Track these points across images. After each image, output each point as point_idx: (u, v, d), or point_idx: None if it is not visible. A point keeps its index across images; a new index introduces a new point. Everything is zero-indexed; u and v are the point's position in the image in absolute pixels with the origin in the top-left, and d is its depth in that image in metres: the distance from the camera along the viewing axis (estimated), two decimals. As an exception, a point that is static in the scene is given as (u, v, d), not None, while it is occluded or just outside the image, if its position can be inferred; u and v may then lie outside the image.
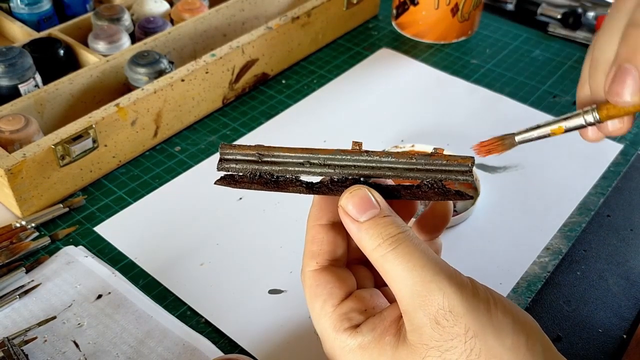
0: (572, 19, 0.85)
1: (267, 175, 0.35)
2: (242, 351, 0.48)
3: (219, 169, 0.35)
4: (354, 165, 0.34)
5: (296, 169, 0.34)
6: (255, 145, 0.35)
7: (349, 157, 0.34)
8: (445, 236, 0.57)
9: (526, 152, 0.66)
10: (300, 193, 0.35)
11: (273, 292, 0.53)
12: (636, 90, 0.27)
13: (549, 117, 0.71)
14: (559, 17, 0.86)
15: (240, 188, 0.35)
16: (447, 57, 0.82)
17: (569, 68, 0.80)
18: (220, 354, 0.47)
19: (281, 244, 0.56)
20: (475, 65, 0.80)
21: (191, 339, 0.48)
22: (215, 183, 0.35)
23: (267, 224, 0.58)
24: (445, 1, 0.79)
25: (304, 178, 0.35)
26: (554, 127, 0.31)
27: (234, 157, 0.35)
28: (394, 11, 0.86)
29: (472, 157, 0.34)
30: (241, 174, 0.35)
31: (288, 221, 0.59)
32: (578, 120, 0.30)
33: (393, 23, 0.87)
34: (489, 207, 0.60)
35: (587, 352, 0.49)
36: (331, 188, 0.35)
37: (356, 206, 0.33)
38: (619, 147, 0.67)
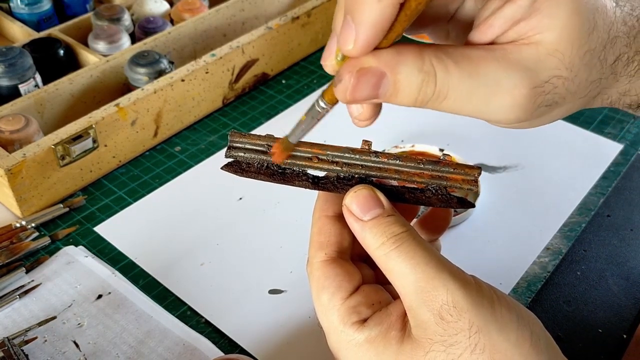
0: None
1: (275, 166, 0.35)
2: (242, 351, 0.48)
3: (226, 156, 0.35)
4: (362, 165, 0.34)
5: (304, 163, 0.35)
6: (265, 136, 0.35)
7: (357, 157, 0.34)
8: (445, 236, 0.57)
9: (526, 152, 0.66)
10: (305, 188, 0.35)
11: (273, 292, 0.53)
12: (351, 40, 0.27)
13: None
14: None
15: (246, 177, 0.35)
16: (447, 57, 0.81)
17: (569, 68, 0.80)
18: (220, 354, 0.47)
19: (281, 244, 0.56)
20: (475, 65, 0.80)
21: (191, 339, 0.48)
22: (221, 168, 0.35)
23: (267, 224, 0.58)
24: (445, 1, 0.79)
25: (311, 173, 0.35)
26: (302, 115, 0.31)
27: (243, 145, 0.35)
28: (394, 11, 0.86)
29: (480, 168, 0.34)
30: (249, 162, 0.35)
31: (288, 221, 0.59)
32: (315, 107, 0.31)
33: (393, 23, 0.87)
34: (489, 207, 0.60)
35: (587, 352, 0.49)
36: (336, 185, 0.35)
37: (360, 205, 0.33)
38: (619, 147, 0.67)
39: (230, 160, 0.35)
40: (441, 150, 0.64)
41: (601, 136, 0.68)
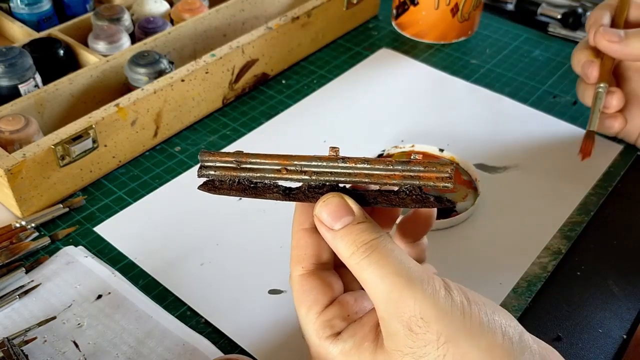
0: (572, 19, 0.85)
1: (246, 181, 0.35)
2: (242, 351, 0.48)
3: (199, 176, 0.36)
4: (331, 172, 0.34)
5: (273, 175, 0.35)
6: (234, 152, 0.35)
7: (324, 164, 0.34)
8: (445, 236, 0.57)
9: (526, 152, 0.66)
10: (277, 200, 0.36)
11: (273, 292, 0.53)
12: None
13: (549, 118, 0.71)
14: (559, 17, 0.86)
15: (220, 194, 0.36)
16: (447, 57, 0.82)
17: (569, 68, 0.80)
18: (220, 354, 0.47)
19: (281, 244, 0.56)
20: (475, 65, 0.80)
21: (191, 339, 0.48)
22: (198, 188, 0.36)
23: (267, 224, 0.58)
24: (445, 1, 0.79)
25: (282, 184, 0.35)
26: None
27: (213, 163, 0.35)
28: (394, 11, 0.86)
29: (453, 163, 0.33)
30: (221, 180, 0.35)
31: (288, 221, 0.58)
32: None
33: (393, 23, 0.87)
34: (489, 207, 0.60)
35: (587, 352, 0.49)
36: (307, 195, 0.35)
37: (330, 214, 0.33)
38: (618, 147, 0.67)
39: (205, 179, 0.36)
40: (441, 150, 0.64)
41: (601, 136, 0.68)
